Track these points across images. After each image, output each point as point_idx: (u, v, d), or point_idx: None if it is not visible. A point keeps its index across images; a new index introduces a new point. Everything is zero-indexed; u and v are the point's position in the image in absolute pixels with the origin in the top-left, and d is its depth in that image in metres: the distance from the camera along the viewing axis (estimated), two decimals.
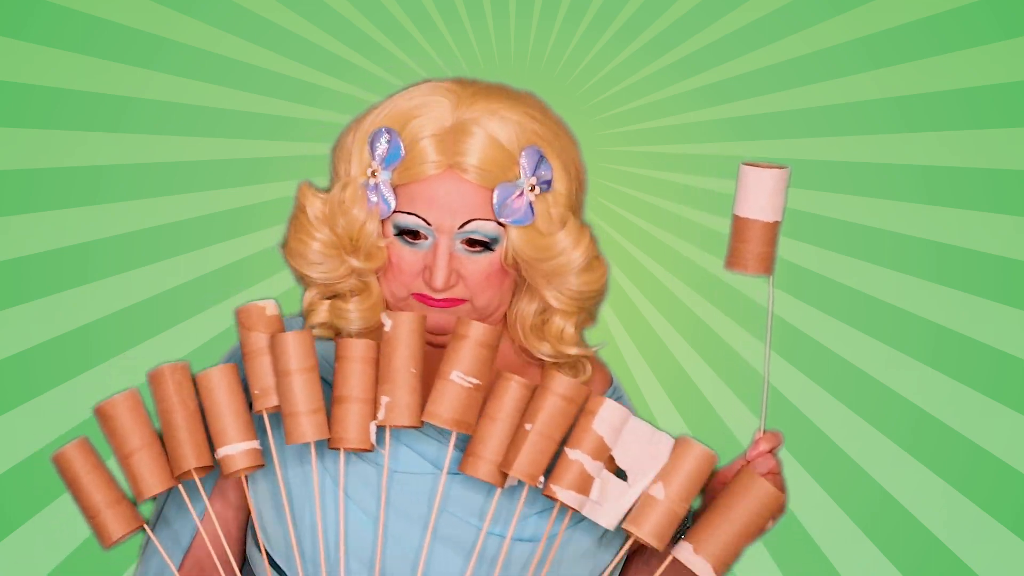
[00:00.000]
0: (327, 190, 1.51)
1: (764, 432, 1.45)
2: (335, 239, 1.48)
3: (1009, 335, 2.45)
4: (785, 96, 2.48)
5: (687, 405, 2.46)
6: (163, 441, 1.41)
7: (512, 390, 1.38)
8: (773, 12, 2.48)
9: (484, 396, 1.40)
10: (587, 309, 1.54)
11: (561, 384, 1.37)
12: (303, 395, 1.38)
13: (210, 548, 1.47)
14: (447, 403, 1.38)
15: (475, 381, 1.38)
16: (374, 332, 1.49)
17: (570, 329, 1.53)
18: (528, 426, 1.36)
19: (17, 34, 2.45)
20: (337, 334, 1.52)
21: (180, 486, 1.43)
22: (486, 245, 1.46)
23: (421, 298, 1.48)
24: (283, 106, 2.47)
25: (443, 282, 1.45)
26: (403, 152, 1.45)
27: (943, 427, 2.44)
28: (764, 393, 1.47)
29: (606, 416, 1.37)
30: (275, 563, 1.49)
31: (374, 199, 1.46)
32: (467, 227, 1.45)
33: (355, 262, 1.48)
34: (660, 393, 2.46)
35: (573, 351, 1.53)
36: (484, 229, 1.45)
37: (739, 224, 1.42)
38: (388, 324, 1.40)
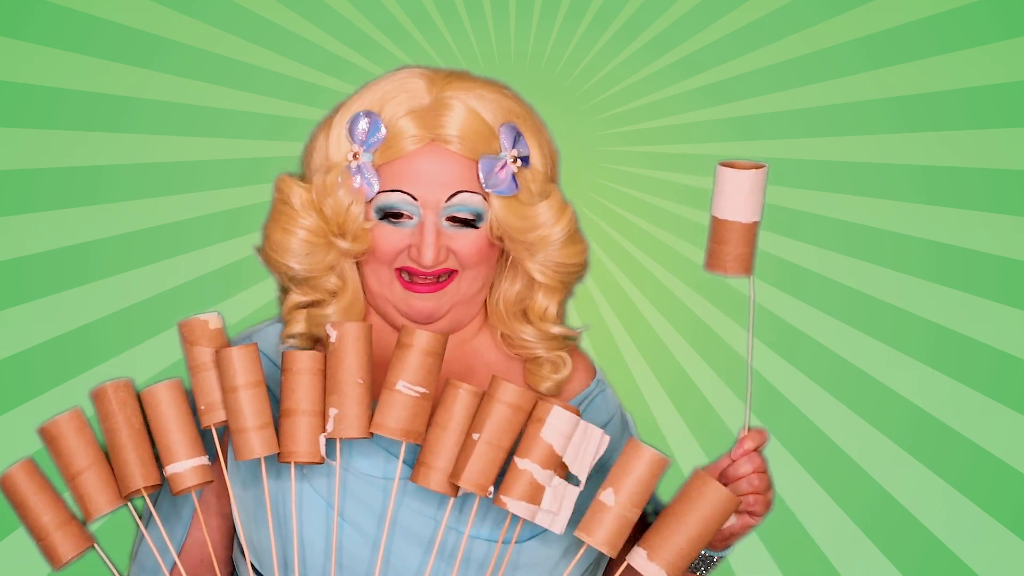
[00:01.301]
0: (305, 181, 1.50)
1: (748, 430, 1.44)
2: (321, 225, 1.46)
3: (1009, 335, 2.44)
4: (785, 96, 2.48)
5: (687, 405, 2.46)
6: (110, 460, 1.38)
7: (461, 398, 1.35)
8: (773, 12, 2.48)
9: (432, 404, 1.37)
10: (568, 286, 1.53)
11: (507, 392, 1.33)
12: (250, 410, 1.35)
13: (217, 549, 1.47)
14: (394, 413, 1.35)
15: (421, 390, 1.36)
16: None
17: (553, 308, 1.51)
18: (475, 435, 1.33)
19: (17, 34, 2.45)
20: (315, 343, 1.51)
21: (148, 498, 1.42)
22: (471, 222, 1.45)
23: (407, 285, 1.47)
24: (283, 106, 2.47)
25: (432, 258, 1.43)
26: (384, 131, 1.44)
27: (943, 427, 2.44)
28: (748, 392, 1.46)
29: (555, 423, 1.33)
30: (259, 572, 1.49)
31: (358, 181, 1.45)
32: (454, 200, 1.44)
33: (343, 244, 1.46)
34: (660, 393, 2.46)
35: (556, 330, 1.51)
36: (470, 203, 1.44)
37: (717, 225, 1.41)
38: (333, 335, 1.36)
